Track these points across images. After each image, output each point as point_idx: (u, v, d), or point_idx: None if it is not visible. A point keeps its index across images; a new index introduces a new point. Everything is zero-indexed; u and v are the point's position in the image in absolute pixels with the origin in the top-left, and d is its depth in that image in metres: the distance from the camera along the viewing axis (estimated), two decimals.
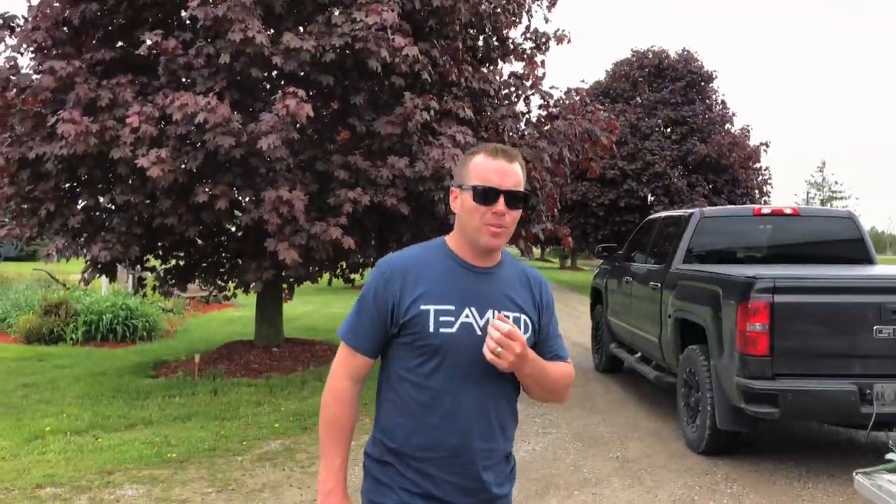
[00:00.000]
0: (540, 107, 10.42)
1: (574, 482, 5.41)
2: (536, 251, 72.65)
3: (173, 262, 9.49)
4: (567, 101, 10.25)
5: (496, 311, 1.96)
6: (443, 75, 8.45)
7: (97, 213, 7.84)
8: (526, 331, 2.02)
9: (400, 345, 1.97)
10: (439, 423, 1.94)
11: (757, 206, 7.56)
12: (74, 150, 6.97)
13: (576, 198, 30.40)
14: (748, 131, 32.03)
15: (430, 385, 1.94)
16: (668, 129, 31.55)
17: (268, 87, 8.32)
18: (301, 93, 6.83)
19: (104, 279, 13.23)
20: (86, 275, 8.73)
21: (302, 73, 7.84)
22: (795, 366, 5.37)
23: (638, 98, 32.15)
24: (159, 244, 8.70)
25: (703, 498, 5.11)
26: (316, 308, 17.76)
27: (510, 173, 1.97)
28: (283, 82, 7.87)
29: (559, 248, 41.74)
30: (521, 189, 2.00)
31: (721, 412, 5.75)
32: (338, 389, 2.02)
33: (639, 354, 8.36)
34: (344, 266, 9.55)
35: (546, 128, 9.64)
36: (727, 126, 31.77)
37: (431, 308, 1.93)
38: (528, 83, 10.04)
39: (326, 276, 10.25)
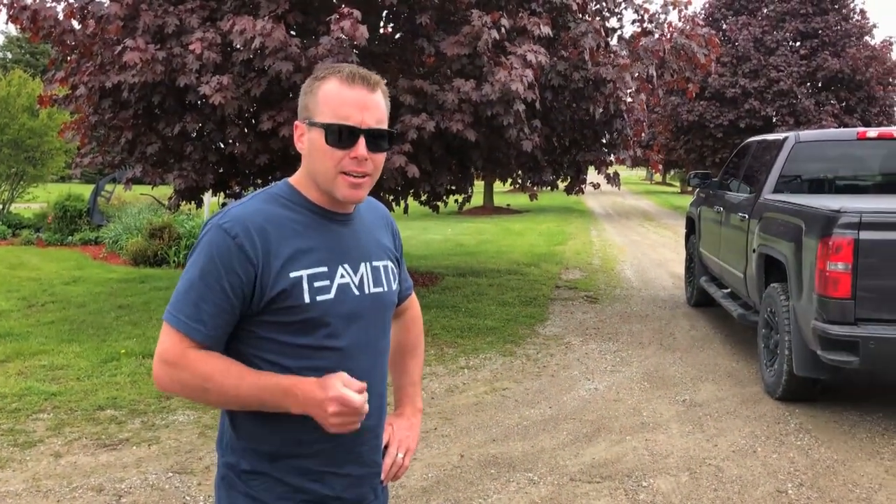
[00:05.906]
0: (633, 22, 9.71)
1: (629, 426, 5.12)
2: (657, 175, 70.05)
3: (251, 189, 9.58)
4: (663, 17, 9.50)
5: (370, 263, 1.71)
6: None
7: (172, 142, 7.93)
8: (393, 280, 1.80)
9: (262, 324, 1.60)
10: None
11: (862, 130, 6.77)
12: (144, 78, 7.01)
13: (692, 118, 28.89)
14: (890, 44, 29.26)
15: (309, 365, 1.59)
16: (797, 43, 29.21)
17: (332, 8, 8.07)
18: (357, 13, 6.54)
19: (206, 204, 13.63)
20: (171, 201, 8.95)
21: None
22: (882, 311, 4.80)
23: (764, 9, 29.82)
24: (235, 172, 8.75)
25: (766, 449, 4.71)
26: (413, 234, 17.80)
27: (372, 106, 1.61)
28: (342, 3, 7.59)
29: (682, 171, 40.06)
30: (385, 126, 1.65)
31: (798, 357, 5.27)
32: (188, 357, 1.56)
33: (728, 290, 7.84)
34: (422, 194, 9.36)
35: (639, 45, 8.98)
36: (865, 38, 29.09)
37: (304, 273, 1.59)
38: None
39: (411, 201, 10.14)
